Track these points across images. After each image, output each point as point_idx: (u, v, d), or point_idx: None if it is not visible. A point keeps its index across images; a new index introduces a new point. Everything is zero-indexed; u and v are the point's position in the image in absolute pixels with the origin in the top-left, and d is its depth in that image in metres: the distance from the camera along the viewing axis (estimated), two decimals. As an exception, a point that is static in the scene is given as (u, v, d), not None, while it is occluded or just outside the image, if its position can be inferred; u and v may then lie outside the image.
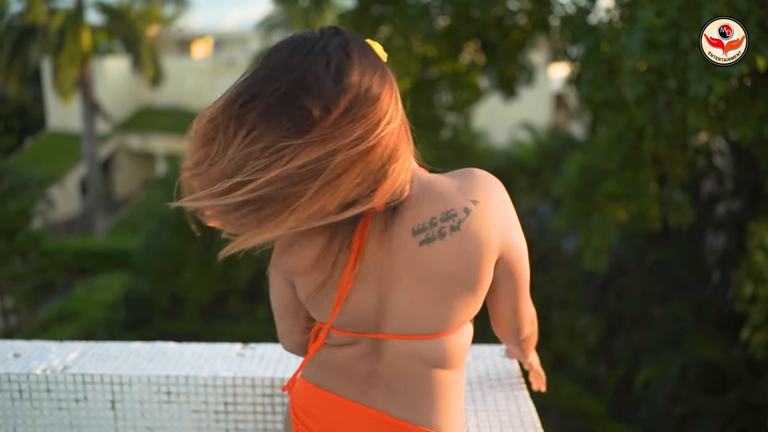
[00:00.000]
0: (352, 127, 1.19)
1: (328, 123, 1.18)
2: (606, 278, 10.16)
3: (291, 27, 23.39)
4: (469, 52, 9.12)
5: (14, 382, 2.12)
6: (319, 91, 1.18)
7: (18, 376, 2.12)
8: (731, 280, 8.77)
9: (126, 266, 16.00)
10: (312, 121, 1.18)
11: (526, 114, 18.11)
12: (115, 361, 2.19)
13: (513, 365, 2.18)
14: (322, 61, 1.21)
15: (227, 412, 2.10)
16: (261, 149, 1.19)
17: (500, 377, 2.10)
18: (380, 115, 1.22)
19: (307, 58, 1.22)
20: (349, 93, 1.19)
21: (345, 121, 1.18)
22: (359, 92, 1.20)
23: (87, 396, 2.11)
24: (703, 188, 9.36)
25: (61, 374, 2.12)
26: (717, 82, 3.90)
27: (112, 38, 21.67)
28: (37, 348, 2.30)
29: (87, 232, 20.82)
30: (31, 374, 2.12)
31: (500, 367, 2.17)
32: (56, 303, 14.49)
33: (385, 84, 1.25)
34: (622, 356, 9.59)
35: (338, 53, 1.22)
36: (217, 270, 13.56)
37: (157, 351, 2.27)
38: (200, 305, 13.92)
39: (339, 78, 1.20)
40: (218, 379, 2.09)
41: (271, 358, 2.21)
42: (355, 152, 1.19)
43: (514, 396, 2.00)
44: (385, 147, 1.22)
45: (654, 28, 4.15)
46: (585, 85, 5.88)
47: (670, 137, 5.36)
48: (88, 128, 20.48)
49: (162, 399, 2.11)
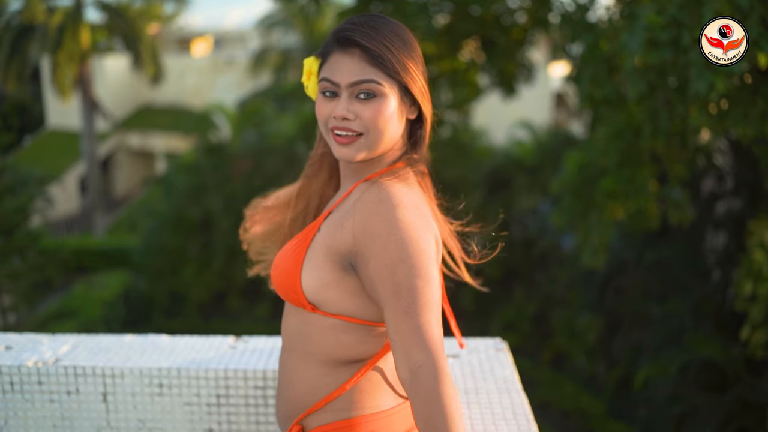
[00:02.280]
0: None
1: None
2: (606, 277, 10.15)
3: (291, 26, 23.37)
4: (468, 50, 9.10)
5: (5, 375, 2.11)
6: None
7: (9, 368, 2.11)
8: (731, 279, 8.76)
9: (125, 264, 16.00)
10: None
11: (526, 113, 18.09)
12: (107, 354, 2.18)
13: (506, 358, 2.16)
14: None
15: (219, 404, 2.09)
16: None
17: (493, 370, 2.09)
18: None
19: None
20: None
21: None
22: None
23: (79, 388, 2.10)
24: (703, 187, 9.34)
25: (53, 366, 2.10)
26: (718, 79, 3.88)
27: (112, 36, 21.64)
28: (29, 340, 2.29)
29: (86, 230, 20.81)
30: (22, 366, 2.11)
31: (494, 360, 2.16)
32: (55, 301, 14.47)
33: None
34: (622, 355, 9.57)
35: None
36: (216, 268, 13.57)
37: (149, 344, 2.26)
38: (199, 303, 13.93)
39: None
40: (210, 371, 2.08)
41: (263, 350, 2.20)
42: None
43: (507, 389, 1.98)
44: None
45: (654, 26, 4.13)
46: (584, 83, 5.86)
47: (668, 135, 5.34)
48: (87, 126, 20.47)
49: (154, 392, 2.10)
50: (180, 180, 14.31)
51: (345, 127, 1.49)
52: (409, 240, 1.38)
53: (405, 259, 1.36)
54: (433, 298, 1.36)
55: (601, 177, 5.98)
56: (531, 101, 19.50)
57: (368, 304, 1.49)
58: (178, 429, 2.10)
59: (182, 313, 13.79)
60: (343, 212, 1.50)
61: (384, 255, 1.37)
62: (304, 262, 1.50)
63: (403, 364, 1.31)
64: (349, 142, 1.49)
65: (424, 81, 1.54)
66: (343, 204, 1.54)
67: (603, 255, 6.37)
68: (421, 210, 1.47)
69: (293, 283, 1.50)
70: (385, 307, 1.37)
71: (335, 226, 1.48)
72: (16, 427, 2.11)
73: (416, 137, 1.60)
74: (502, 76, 9.41)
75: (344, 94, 1.49)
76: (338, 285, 1.48)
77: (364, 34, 1.48)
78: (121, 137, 25.10)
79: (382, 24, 1.52)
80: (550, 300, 11.75)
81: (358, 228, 1.42)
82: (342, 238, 1.45)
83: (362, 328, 1.50)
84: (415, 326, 1.31)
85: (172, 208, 13.98)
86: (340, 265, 1.47)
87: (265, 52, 23.56)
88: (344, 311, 1.49)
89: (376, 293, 1.40)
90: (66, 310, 12.68)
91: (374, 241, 1.39)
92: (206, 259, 13.67)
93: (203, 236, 13.85)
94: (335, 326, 1.51)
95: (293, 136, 13.62)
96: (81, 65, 19.34)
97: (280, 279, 1.54)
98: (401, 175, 1.53)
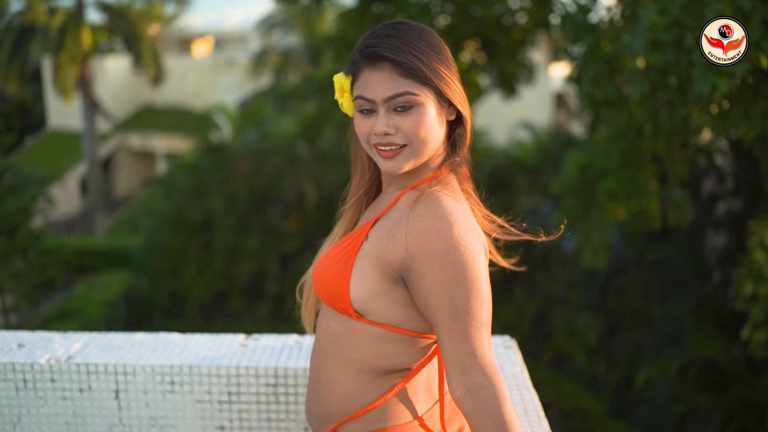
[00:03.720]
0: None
1: None
2: (606, 277, 10.16)
3: (291, 26, 23.39)
4: (469, 51, 9.11)
5: (18, 372, 2.13)
6: None
7: (22, 365, 2.13)
8: (731, 279, 8.78)
9: (126, 265, 16.01)
10: None
11: (527, 113, 18.11)
12: (118, 351, 2.20)
13: (516, 355, 2.19)
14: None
15: (231, 402, 2.11)
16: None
17: (503, 367, 2.11)
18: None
19: None
20: None
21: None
22: None
23: (91, 386, 2.12)
24: (703, 187, 9.36)
25: (66, 364, 2.12)
26: (721, 80, 3.89)
27: (113, 37, 21.65)
28: (41, 338, 2.31)
29: (87, 230, 20.82)
30: (35, 364, 2.13)
31: (503, 357, 2.18)
32: (56, 301, 14.49)
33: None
34: (622, 355, 9.59)
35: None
36: (217, 269, 13.58)
37: (160, 341, 2.28)
38: (200, 304, 13.93)
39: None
40: (222, 369, 2.10)
41: (274, 348, 2.22)
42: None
43: (517, 385, 2.01)
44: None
45: (657, 26, 4.14)
46: (586, 83, 5.87)
47: (669, 135, 5.36)
48: (88, 127, 20.48)
49: (166, 389, 2.12)
50: (181, 180, 14.32)
51: (388, 142, 1.50)
52: (467, 261, 1.41)
53: (462, 282, 1.40)
54: (487, 318, 1.42)
55: (602, 177, 5.99)
56: (531, 102, 19.52)
57: (415, 316, 1.50)
58: (190, 426, 2.12)
59: (183, 313, 13.79)
60: (392, 222, 1.50)
61: (442, 276, 1.40)
62: (352, 270, 1.50)
63: (458, 383, 1.38)
64: (394, 155, 1.50)
65: (458, 82, 1.54)
66: (390, 213, 1.53)
67: (604, 255, 6.37)
68: (473, 224, 1.49)
69: (340, 291, 1.50)
70: (440, 327, 1.41)
71: (385, 237, 1.49)
72: (29, 424, 2.13)
73: (454, 137, 1.60)
74: (503, 77, 9.42)
75: (381, 110, 1.49)
76: (386, 295, 1.49)
77: (391, 47, 1.47)
78: (121, 138, 25.11)
79: (407, 31, 1.51)
80: (550, 300, 11.76)
81: (414, 244, 1.43)
82: (394, 250, 1.46)
83: (406, 338, 1.52)
84: (473, 348, 1.37)
85: (173, 208, 13.99)
86: (390, 276, 1.48)
87: (266, 53, 23.59)
88: (390, 321, 1.50)
89: (430, 310, 1.43)
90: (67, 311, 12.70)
91: (431, 260, 1.41)
92: (207, 260, 13.68)
93: (204, 236, 13.86)
94: (380, 335, 1.51)
95: (294, 136, 13.63)
96: (82, 66, 19.35)
97: (324, 284, 1.54)
98: (448, 184, 1.54)
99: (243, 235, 13.51)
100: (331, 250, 1.57)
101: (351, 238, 1.54)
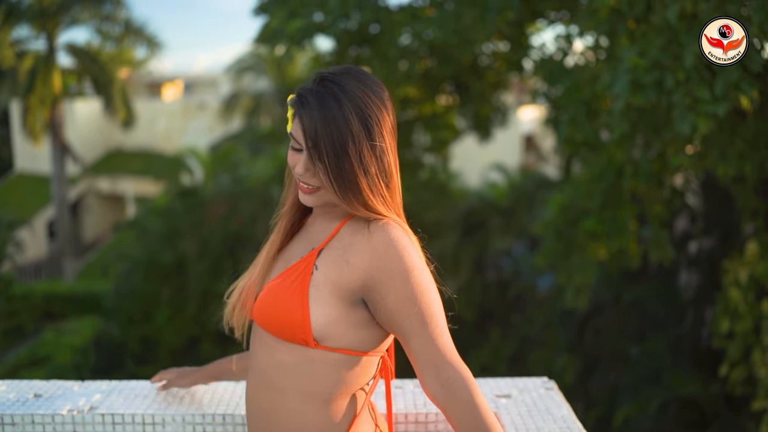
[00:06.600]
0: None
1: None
2: (583, 317, 10.21)
3: (262, 70, 23.49)
4: (444, 94, 9.22)
5: (38, 424, 2.02)
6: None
7: (42, 417, 2.01)
8: (706, 317, 8.87)
9: (95, 310, 15.74)
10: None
11: (498, 155, 18.31)
12: (144, 400, 2.12)
13: (559, 396, 2.17)
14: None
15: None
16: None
17: (550, 409, 2.10)
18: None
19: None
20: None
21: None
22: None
23: (117, 436, 2.03)
24: (676, 226, 9.50)
25: (89, 415, 2.02)
26: (701, 121, 3.98)
27: (83, 80, 21.57)
28: (58, 387, 2.20)
29: (55, 275, 20.48)
30: (56, 415, 2.02)
31: (546, 399, 2.16)
32: (25, 347, 14.17)
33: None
34: (600, 395, 9.59)
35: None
36: (189, 313, 13.39)
37: (186, 390, 2.21)
38: (172, 350, 13.69)
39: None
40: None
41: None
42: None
43: (569, 428, 1.99)
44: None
45: (638, 68, 4.23)
46: (564, 126, 5.96)
47: (649, 175, 5.45)
48: (57, 170, 20.28)
49: (196, 439, 2.04)
50: (152, 224, 14.18)
51: (305, 181, 1.58)
52: (422, 275, 1.54)
53: (423, 293, 1.52)
54: (444, 321, 1.56)
55: (583, 217, 6.06)
56: (502, 144, 19.75)
57: (368, 336, 1.58)
58: (221, 477, 2.05)
59: (155, 359, 13.54)
60: (340, 250, 1.56)
61: (405, 291, 1.51)
62: (309, 300, 1.54)
63: (433, 381, 1.50)
64: (310, 192, 1.59)
65: (368, 151, 1.53)
66: (334, 242, 1.59)
67: (586, 296, 6.43)
68: (419, 253, 1.59)
69: (300, 321, 1.53)
70: (409, 335, 1.52)
71: (339, 263, 1.55)
72: (51, 477, 2.02)
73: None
74: (478, 120, 9.54)
75: (305, 151, 1.56)
76: (345, 319, 1.55)
77: (307, 106, 1.54)
78: (90, 181, 24.88)
79: (337, 90, 1.53)
80: (526, 341, 11.76)
81: (372, 266, 1.52)
82: (351, 274, 1.53)
83: (361, 360, 1.59)
84: (441, 348, 1.51)
85: (144, 252, 13.82)
86: (349, 300, 1.55)
87: (236, 97, 23.61)
88: (347, 345, 1.56)
89: (396, 324, 1.53)
90: (37, 357, 12.45)
91: (393, 278, 1.51)
92: (179, 304, 13.49)
93: (176, 280, 13.69)
94: (339, 361, 1.56)
95: (269, 179, 13.61)
96: (52, 109, 19.23)
97: (277, 317, 1.56)
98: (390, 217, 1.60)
99: (216, 278, 13.37)
100: (276, 284, 1.60)
101: (297, 269, 1.59)
